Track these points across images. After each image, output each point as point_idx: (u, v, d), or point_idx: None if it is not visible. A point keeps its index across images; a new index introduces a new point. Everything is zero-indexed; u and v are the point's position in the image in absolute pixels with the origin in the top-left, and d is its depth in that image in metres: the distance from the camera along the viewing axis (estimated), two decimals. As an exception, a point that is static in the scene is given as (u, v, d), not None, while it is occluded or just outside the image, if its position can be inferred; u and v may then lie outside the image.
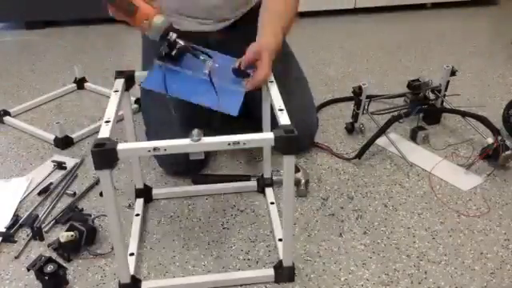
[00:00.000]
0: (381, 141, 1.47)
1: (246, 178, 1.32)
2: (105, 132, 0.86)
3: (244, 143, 0.85)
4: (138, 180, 1.24)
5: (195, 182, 1.33)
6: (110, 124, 0.89)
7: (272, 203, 1.23)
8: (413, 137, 1.53)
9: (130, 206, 1.25)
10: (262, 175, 1.30)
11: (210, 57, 1.03)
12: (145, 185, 1.26)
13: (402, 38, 2.43)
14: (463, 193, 1.30)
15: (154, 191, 1.28)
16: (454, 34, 2.46)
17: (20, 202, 1.28)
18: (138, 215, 1.19)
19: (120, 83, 1.05)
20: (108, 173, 0.83)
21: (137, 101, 1.70)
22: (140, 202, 1.24)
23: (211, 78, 1.01)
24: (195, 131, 0.83)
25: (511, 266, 1.07)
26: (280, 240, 1.09)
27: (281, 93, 1.01)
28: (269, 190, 1.28)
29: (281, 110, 0.95)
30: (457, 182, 1.33)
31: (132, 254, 1.08)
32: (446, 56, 2.19)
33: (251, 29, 1.11)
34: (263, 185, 1.29)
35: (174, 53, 1.01)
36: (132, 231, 1.14)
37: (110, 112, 0.93)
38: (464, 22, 2.64)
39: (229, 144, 0.85)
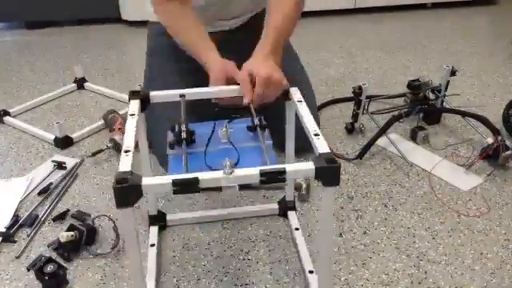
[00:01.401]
0: (381, 141, 1.47)
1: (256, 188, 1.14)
2: (126, 165, 0.77)
3: (281, 173, 0.76)
4: (152, 206, 1.16)
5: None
6: (130, 154, 0.79)
7: (297, 229, 1.13)
8: (413, 137, 1.53)
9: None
10: (284, 198, 1.21)
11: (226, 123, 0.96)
12: (159, 211, 1.18)
13: (402, 38, 2.43)
14: (463, 193, 1.30)
15: (169, 217, 1.19)
16: (454, 34, 2.46)
17: (20, 202, 1.28)
18: (153, 245, 1.09)
19: (136, 105, 0.96)
20: (131, 210, 0.74)
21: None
22: (154, 230, 1.15)
23: (232, 143, 0.93)
24: (227, 162, 0.75)
25: (511, 266, 1.07)
26: (310, 272, 1.00)
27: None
28: (291, 214, 1.18)
29: (316, 134, 0.85)
30: (457, 182, 1.33)
31: None
32: (446, 56, 2.19)
33: (259, 27, 1.11)
34: (285, 208, 1.20)
35: (183, 138, 0.92)
36: (148, 266, 1.04)
37: (129, 140, 0.83)
38: (464, 22, 2.64)
39: (262, 175, 0.75)
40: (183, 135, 0.91)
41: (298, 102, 0.97)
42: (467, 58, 2.15)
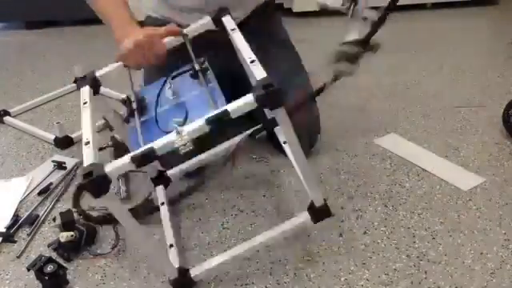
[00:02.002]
0: (381, 141, 1.47)
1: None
2: (89, 157, 0.77)
3: (226, 114, 0.75)
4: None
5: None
6: (91, 145, 0.79)
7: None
8: None
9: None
10: None
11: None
12: None
13: (402, 38, 2.42)
14: (463, 193, 1.30)
15: None
16: (454, 34, 2.46)
17: (20, 202, 1.28)
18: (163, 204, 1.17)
19: (86, 92, 0.92)
20: (110, 194, 0.78)
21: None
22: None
23: (179, 97, 0.95)
24: (175, 124, 0.78)
25: (511, 266, 1.07)
26: None
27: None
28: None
29: (252, 61, 0.81)
30: (457, 182, 1.33)
31: (172, 246, 1.03)
32: (446, 56, 2.19)
33: (259, 26, 1.10)
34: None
35: (134, 107, 0.94)
36: (164, 225, 1.11)
37: (87, 131, 0.82)
38: (464, 22, 2.64)
39: (209, 123, 0.75)
40: (134, 106, 0.93)
41: (232, 30, 0.94)
42: (467, 58, 2.15)
